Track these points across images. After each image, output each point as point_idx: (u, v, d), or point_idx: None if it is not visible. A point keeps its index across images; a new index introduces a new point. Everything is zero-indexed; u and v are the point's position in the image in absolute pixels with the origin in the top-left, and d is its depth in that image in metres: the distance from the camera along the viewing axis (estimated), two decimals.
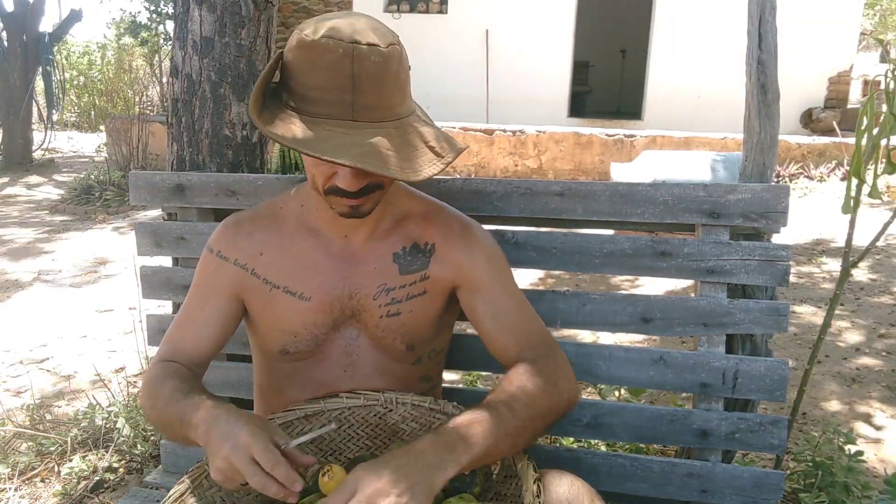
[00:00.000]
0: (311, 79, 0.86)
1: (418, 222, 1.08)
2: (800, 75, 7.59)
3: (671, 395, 2.25)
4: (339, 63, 0.84)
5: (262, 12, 1.61)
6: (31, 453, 1.93)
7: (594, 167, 6.63)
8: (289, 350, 1.07)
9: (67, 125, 12.51)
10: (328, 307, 1.05)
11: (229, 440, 0.82)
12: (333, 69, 0.84)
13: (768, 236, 1.24)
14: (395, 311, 1.06)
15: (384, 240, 1.06)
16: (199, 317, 1.07)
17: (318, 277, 1.05)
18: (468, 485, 0.93)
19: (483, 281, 1.08)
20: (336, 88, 0.85)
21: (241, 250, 1.07)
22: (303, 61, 0.86)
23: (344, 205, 0.94)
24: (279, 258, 1.06)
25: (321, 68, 0.85)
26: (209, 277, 1.09)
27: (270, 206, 1.11)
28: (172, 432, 0.96)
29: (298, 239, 1.06)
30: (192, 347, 1.06)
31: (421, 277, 1.06)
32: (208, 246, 1.10)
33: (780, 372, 1.20)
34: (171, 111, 1.65)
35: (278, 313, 1.06)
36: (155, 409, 0.98)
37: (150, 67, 10.06)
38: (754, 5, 1.28)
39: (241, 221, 1.10)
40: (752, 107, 1.30)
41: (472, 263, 1.07)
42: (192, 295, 1.10)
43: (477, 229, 1.11)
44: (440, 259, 1.07)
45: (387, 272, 1.05)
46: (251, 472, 0.79)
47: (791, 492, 1.65)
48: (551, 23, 8.56)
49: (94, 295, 3.79)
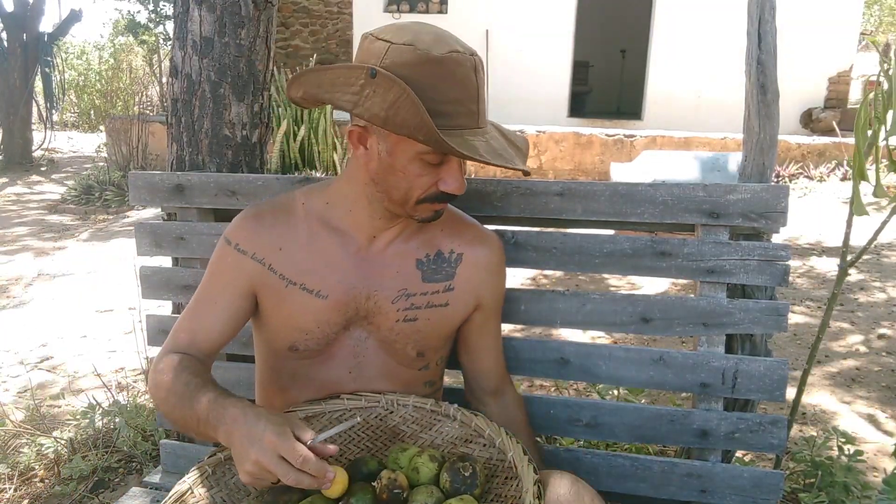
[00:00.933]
0: (445, 94, 0.89)
1: (442, 229, 1.09)
2: (800, 75, 7.59)
3: (671, 395, 2.25)
4: (468, 77, 0.90)
5: (262, 12, 1.61)
6: (32, 453, 1.93)
7: (594, 167, 6.63)
8: (298, 347, 1.07)
9: (67, 125, 12.51)
10: (343, 306, 1.05)
11: (254, 443, 0.81)
12: (465, 82, 0.90)
13: (768, 236, 1.24)
14: (413, 318, 1.06)
15: (407, 243, 1.07)
16: (211, 310, 1.06)
17: (336, 275, 1.04)
18: (469, 486, 0.93)
19: (495, 304, 1.16)
20: (467, 100, 0.91)
21: (261, 244, 1.05)
22: (433, 77, 0.88)
23: (432, 210, 0.99)
24: (298, 254, 1.05)
25: (454, 82, 0.89)
26: (225, 270, 1.07)
27: (289, 200, 1.09)
28: (186, 425, 0.95)
29: (319, 236, 1.05)
30: (202, 340, 1.05)
31: (445, 288, 1.07)
32: (226, 237, 1.08)
33: (779, 372, 1.20)
34: (170, 111, 1.65)
35: (292, 310, 1.05)
36: (167, 403, 0.97)
37: (150, 67, 10.06)
38: (754, 5, 1.28)
39: (261, 214, 1.07)
40: (752, 107, 1.30)
41: (495, 283, 1.14)
42: (205, 286, 1.08)
43: (497, 242, 1.15)
44: (466, 271, 1.09)
45: (409, 278, 1.06)
46: (283, 471, 0.80)
47: (791, 492, 1.66)
48: (551, 23, 8.55)
49: (94, 295, 3.79)
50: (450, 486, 0.94)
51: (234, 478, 1.02)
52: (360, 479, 0.98)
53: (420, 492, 0.94)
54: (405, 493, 0.94)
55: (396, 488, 0.93)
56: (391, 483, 0.93)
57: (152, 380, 1.02)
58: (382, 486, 0.93)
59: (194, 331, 1.05)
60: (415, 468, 0.98)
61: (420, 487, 0.95)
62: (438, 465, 0.98)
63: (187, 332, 1.06)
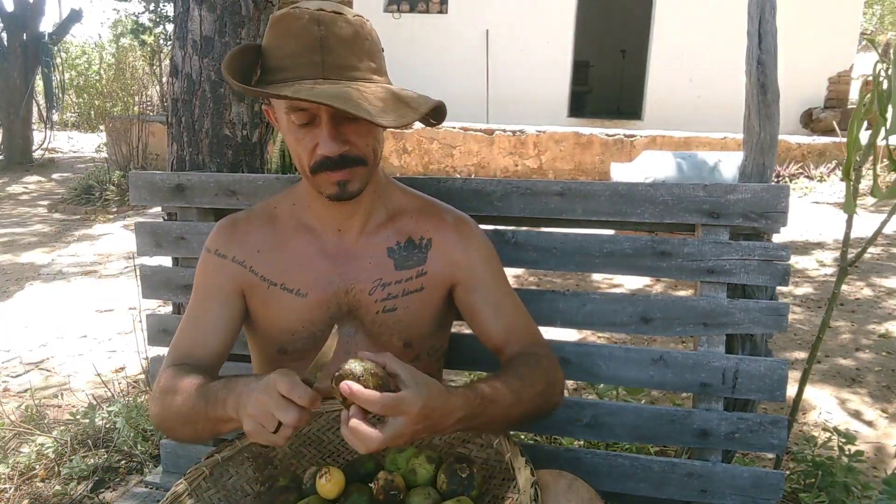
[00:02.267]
0: (282, 49, 0.91)
1: (412, 217, 1.09)
2: (800, 75, 7.58)
3: (671, 395, 2.25)
4: (306, 28, 0.89)
5: (262, 12, 1.61)
6: (32, 453, 1.93)
7: (594, 167, 6.63)
8: (287, 349, 1.07)
9: (67, 125, 12.51)
10: (325, 303, 1.05)
11: (259, 385, 0.81)
12: (301, 34, 0.89)
13: (768, 236, 1.24)
14: (391, 307, 1.06)
15: (377, 234, 1.07)
16: (204, 321, 1.06)
17: (313, 273, 1.05)
18: (466, 487, 0.93)
19: (482, 278, 1.09)
20: (306, 51, 0.89)
21: (239, 248, 1.07)
22: (273, 36, 0.92)
23: (331, 182, 0.95)
24: (275, 255, 1.06)
25: (290, 36, 0.90)
26: (210, 278, 1.08)
27: (265, 206, 1.12)
28: (195, 420, 0.92)
29: (293, 236, 1.07)
30: (202, 354, 1.04)
31: (418, 273, 1.07)
32: (206, 247, 1.10)
33: (779, 372, 1.20)
34: (170, 111, 1.65)
35: (276, 311, 1.06)
36: (173, 407, 0.95)
37: (150, 67, 10.06)
38: (754, 5, 1.28)
39: (237, 221, 1.10)
40: (752, 107, 1.29)
41: (469, 260, 1.08)
42: (194, 300, 1.09)
43: (471, 224, 1.13)
44: (437, 255, 1.08)
45: (382, 267, 1.06)
46: (283, 405, 0.78)
47: (791, 492, 1.65)
48: (551, 23, 8.55)
49: (94, 295, 3.79)
50: (447, 487, 0.94)
51: (231, 479, 1.02)
52: (358, 481, 0.98)
53: (417, 493, 0.93)
54: (402, 494, 0.94)
55: (393, 489, 0.93)
56: (388, 484, 0.93)
57: (154, 395, 1.00)
58: (379, 487, 0.93)
59: (193, 347, 1.04)
60: (412, 469, 0.98)
61: (417, 489, 0.95)
62: (436, 466, 0.98)
63: (186, 348, 1.05)
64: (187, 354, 1.04)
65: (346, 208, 1.04)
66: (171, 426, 0.98)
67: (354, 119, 0.91)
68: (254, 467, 1.05)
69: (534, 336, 1.10)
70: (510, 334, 1.08)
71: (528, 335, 1.09)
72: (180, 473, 1.22)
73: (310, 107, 0.91)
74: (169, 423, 0.98)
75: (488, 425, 0.93)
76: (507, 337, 1.07)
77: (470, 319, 1.11)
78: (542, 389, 0.99)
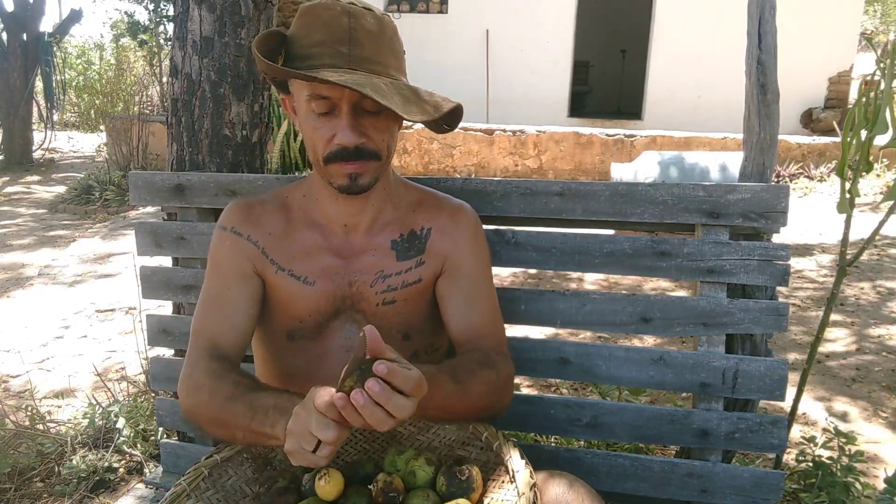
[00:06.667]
0: (311, 37, 0.92)
1: (415, 209, 1.10)
2: (800, 75, 7.59)
3: (671, 395, 2.24)
4: (336, 19, 0.91)
5: (262, 12, 1.61)
6: (31, 453, 1.93)
7: (594, 167, 6.63)
8: (294, 335, 1.08)
9: (67, 125, 12.50)
10: (331, 295, 1.06)
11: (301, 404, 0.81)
12: (331, 24, 0.91)
13: (768, 236, 1.24)
14: (391, 299, 1.07)
15: (383, 229, 1.08)
16: (227, 299, 1.05)
17: (319, 265, 1.06)
18: (465, 490, 0.93)
19: (465, 269, 1.09)
20: (334, 42, 0.91)
21: (253, 228, 1.08)
22: (302, 25, 0.93)
23: (343, 174, 0.96)
24: (285, 242, 1.07)
25: (319, 26, 0.91)
26: (227, 256, 1.07)
27: (276, 194, 1.12)
28: (233, 426, 0.92)
29: (302, 228, 1.08)
30: (229, 338, 1.03)
31: (417, 263, 1.08)
32: (220, 225, 1.09)
33: (779, 372, 1.20)
34: (170, 111, 1.65)
35: (285, 297, 1.06)
36: (211, 407, 0.95)
37: (150, 67, 10.06)
38: (754, 5, 1.28)
39: (251, 203, 1.11)
40: (752, 107, 1.29)
41: (457, 247, 1.09)
42: (212, 278, 1.08)
43: (469, 213, 1.13)
44: (434, 242, 1.09)
45: (385, 259, 1.07)
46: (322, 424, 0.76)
47: (791, 492, 1.65)
48: (551, 23, 8.56)
49: (94, 295, 3.79)
50: (446, 489, 0.93)
51: (230, 479, 1.02)
52: (357, 482, 0.98)
53: (416, 495, 0.93)
54: (401, 496, 0.93)
55: (392, 491, 0.93)
56: (387, 486, 0.93)
57: (187, 388, 1.00)
58: (378, 489, 0.93)
59: (220, 331, 1.03)
60: (411, 471, 0.97)
61: (416, 491, 0.95)
62: (435, 468, 0.98)
63: (212, 333, 1.03)
64: (216, 342, 1.03)
65: (355, 205, 1.04)
66: (204, 422, 0.98)
67: (374, 113, 0.93)
68: (253, 468, 1.05)
69: (498, 344, 1.09)
70: (474, 335, 1.07)
71: (492, 340, 1.08)
72: (180, 473, 1.22)
73: (332, 96, 0.92)
74: (202, 420, 0.98)
75: (427, 410, 0.88)
76: (469, 337, 1.06)
77: (441, 306, 1.10)
78: (492, 390, 1.00)
